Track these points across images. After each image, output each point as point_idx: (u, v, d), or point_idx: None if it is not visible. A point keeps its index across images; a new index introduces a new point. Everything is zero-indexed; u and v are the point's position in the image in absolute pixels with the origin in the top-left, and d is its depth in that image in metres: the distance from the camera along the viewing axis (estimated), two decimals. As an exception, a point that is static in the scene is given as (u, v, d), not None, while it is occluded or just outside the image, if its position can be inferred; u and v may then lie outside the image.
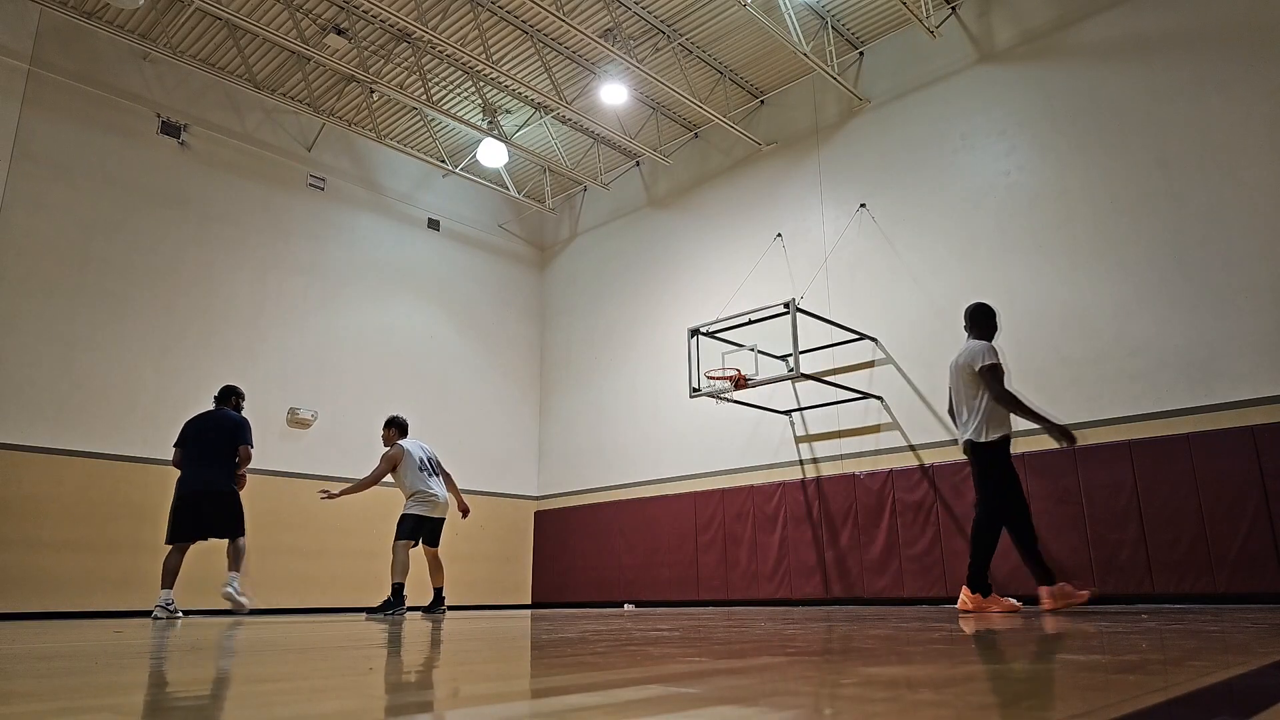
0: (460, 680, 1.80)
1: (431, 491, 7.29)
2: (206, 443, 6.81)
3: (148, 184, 9.76)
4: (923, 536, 8.45)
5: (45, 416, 8.58)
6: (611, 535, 11.48)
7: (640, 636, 3.15)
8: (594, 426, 12.35)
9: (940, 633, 3.08)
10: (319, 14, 9.65)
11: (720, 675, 1.68)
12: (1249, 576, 6.53)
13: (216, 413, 7.02)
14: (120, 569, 8.70)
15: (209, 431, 6.86)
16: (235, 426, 6.94)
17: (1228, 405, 6.95)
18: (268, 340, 10.42)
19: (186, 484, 6.71)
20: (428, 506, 7.25)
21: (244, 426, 6.99)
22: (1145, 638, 2.68)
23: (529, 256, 13.89)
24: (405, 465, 7.32)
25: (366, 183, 11.94)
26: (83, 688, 1.63)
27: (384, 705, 1.35)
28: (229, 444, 6.86)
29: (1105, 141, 8.09)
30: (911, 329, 9.12)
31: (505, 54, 10.32)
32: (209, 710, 1.31)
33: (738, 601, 9.90)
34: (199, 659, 2.40)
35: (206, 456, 6.76)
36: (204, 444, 6.81)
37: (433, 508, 7.28)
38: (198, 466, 6.73)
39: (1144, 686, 1.41)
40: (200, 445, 6.80)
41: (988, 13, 9.22)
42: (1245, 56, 7.39)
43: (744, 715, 1.13)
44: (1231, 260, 7.19)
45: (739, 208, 11.17)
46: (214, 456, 6.78)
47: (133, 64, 9.91)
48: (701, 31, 10.05)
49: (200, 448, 6.79)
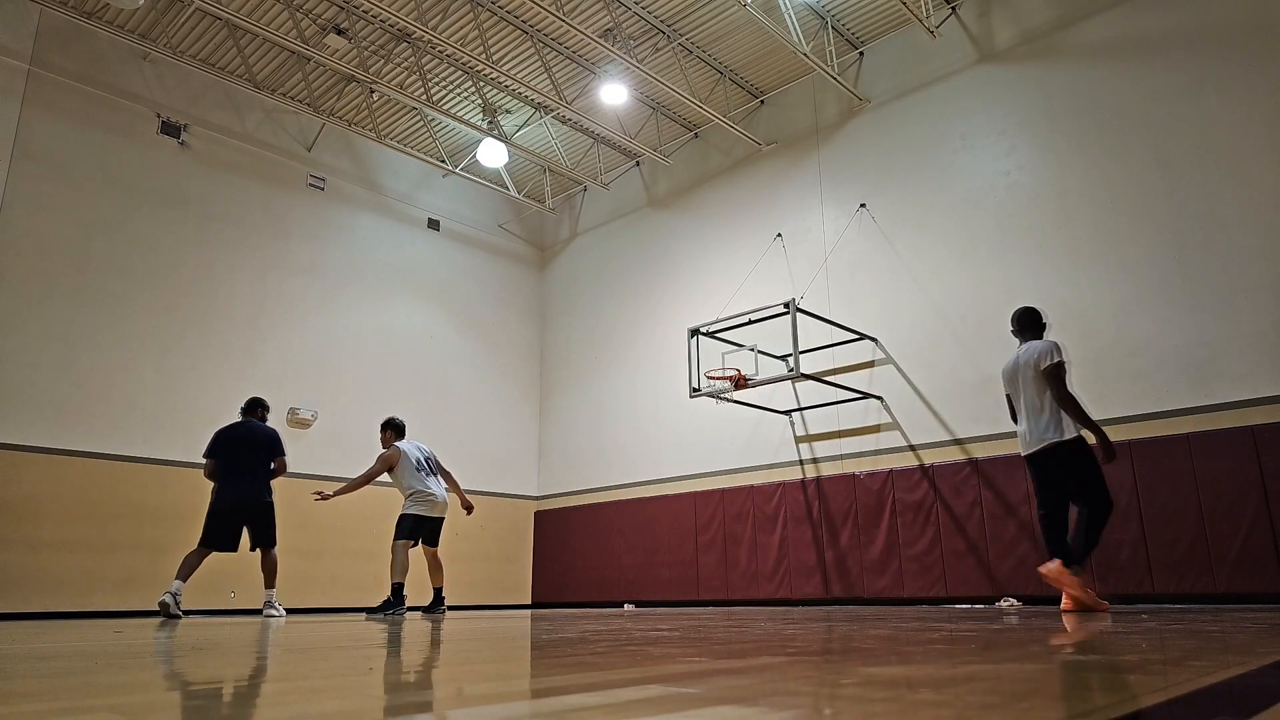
0: (460, 680, 1.80)
1: (429, 491, 7.28)
2: (242, 455, 6.96)
3: (148, 184, 9.76)
4: (923, 536, 8.46)
5: (45, 416, 8.58)
6: (611, 535, 11.48)
7: (640, 636, 3.15)
8: (594, 426, 12.35)
9: (940, 633, 3.08)
10: (319, 14, 9.65)
11: (720, 675, 1.68)
12: (1249, 576, 6.53)
13: (246, 424, 7.14)
14: (120, 569, 8.70)
15: (242, 443, 7.00)
16: (269, 440, 7.11)
17: (1228, 405, 6.95)
18: (268, 340, 10.42)
19: (225, 497, 6.85)
20: (426, 506, 7.25)
21: (277, 439, 7.16)
22: (1145, 638, 2.68)
23: (529, 256, 13.89)
24: (402, 466, 7.31)
25: (366, 183, 11.95)
26: (83, 688, 1.63)
27: (384, 705, 1.35)
28: (265, 456, 7.03)
29: (1105, 141, 8.09)
30: (911, 329, 9.12)
31: (505, 54, 10.32)
32: (209, 710, 1.31)
33: (738, 601, 9.90)
34: (199, 659, 2.40)
35: (244, 469, 6.92)
36: (239, 457, 6.95)
37: (431, 507, 7.27)
38: (236, 479, 6.88)
39: (1144, 686, 1.41)
40: (236, 458, 6.94)
41: (988, 13, 9.22)
42: (1245, 56, 7.39)
43: (744, 715, 1.13)
44: (1231, 260, 7.19)
45: (739, 208, 11.17)
46: (251, 468, 6.94)
47: (133, 64, 9.91)
48: (701, 31, 10.05)
49: (236, 460, 6.93)
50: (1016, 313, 5.71)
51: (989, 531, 8.04)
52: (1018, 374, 5.40)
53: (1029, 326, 5.57)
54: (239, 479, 6.86)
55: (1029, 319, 5.58)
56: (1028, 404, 5.31)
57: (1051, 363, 5.19)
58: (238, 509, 6.83)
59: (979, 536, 8.10)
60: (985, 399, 8.44)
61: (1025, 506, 7.85)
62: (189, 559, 6.66)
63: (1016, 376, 5.42)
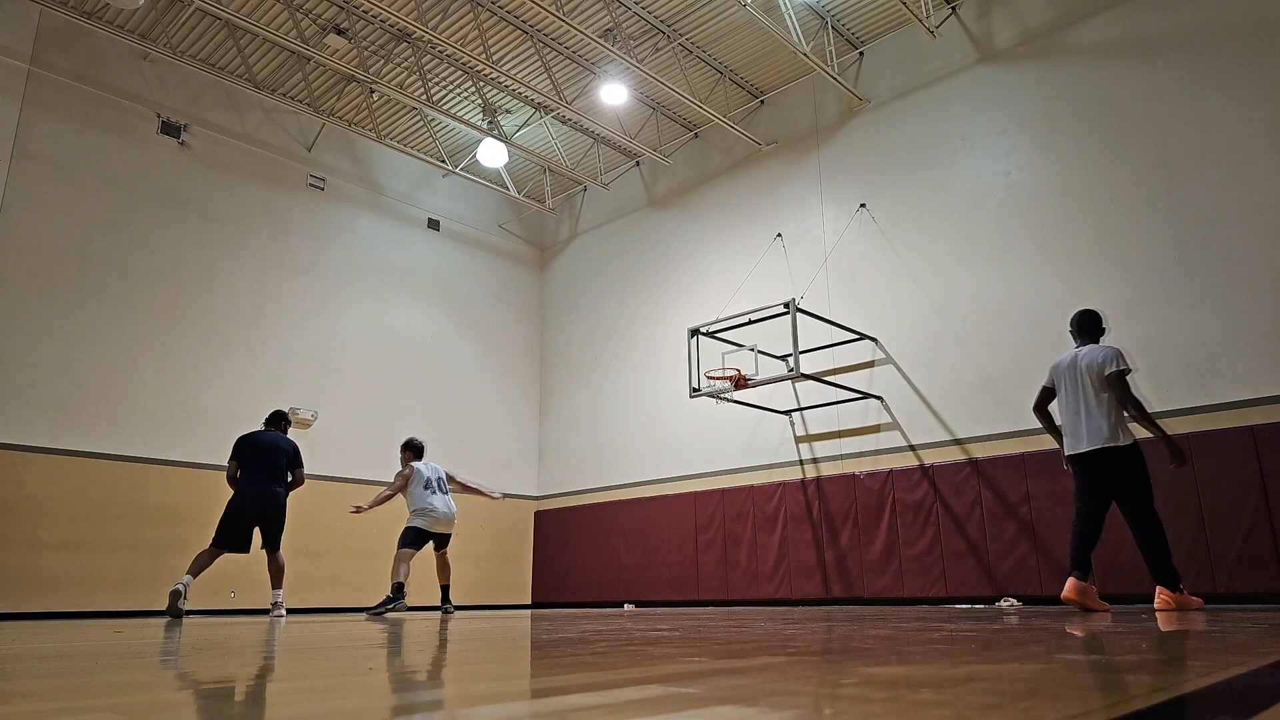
0: (460, 680, 1.80)
1: (432, 508, 7.77)
2: (264, 460, 7.31)
3: (148, 184, 9.76)
4: (923, 536, 8.46)
5: (45, 416, 8.58)
6: (611, 535, 11.48)
7: (640, 636, 3.15)
8: (594, 426, 12.35)
9: (940, 633, 3.08)
10: (319, 14, 9.65)
11: (720, 675, 1.68)
12: (1249, 576, 6.53)
13: (269, 434, 7.46)
14: (120, 569, 8.70)
15: (265, 450, 7.33)
16: (291, 451, 7.47)
17: (1228, 405, 6.96)
18: (268, 340, 10.42)
19: (244, 495, 7.14)
20: (428, 521, 7.75)
21: (298, 453, 7.54)
22: (1145, 638, 2.68)
23: (529, 256, 13.89)
24: (412, 483, 7.86)
25: (366, 183, 11.94)
26: (83, 688, 1.63)
27: (384, 705, 1.35)
28: (285, 465, 7.38)
29: (1105, 141, 8.09)
30: (911, 329, 9.12)
31: (505, 54, 10.32)
32: (209, 710, 1.31)
33: (738, 601, 9.90)
34: (200, 659, 2.40)
35: (266, 473, 7.26)
36: (262, 461, 7.29)
37: (433, 522, 7.76)
38: (257, 481, 7.20)
39: (1144, 686, 1.41)
40: (259, 462, 7.27)
41: (988, 13, 9.22)
42: (1245, 56, 7.39)
43: (744, 715, 1.13)
44: (1231, 260, 7.19)
45: (739, 208, 11.17)
46: (273, 472, 7.29)
47: (133, 64, 9.91)
48: (701, 31, 10.05)
49: (259, 464, 7.26)
50: (1077, 315, 5.71)
51: (989, 531, 8.04)
52: (1076, 373, 5.40)
53: (1089, 329, 5.58)
54: (260, 481, 7.19)
55: (1090, 321, 5.59)
56: (1082, 404, 5.30)
57: (1117, 369, 5.22)
58: (255, 508, 7.12)
59: (979, 536, 8.10)
60: (985, 399, 8.44)
61: (1025, 506, 7.86)
62: (200, 558, 6.90)
63: (1075, 375, 5.41)
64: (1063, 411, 5.49)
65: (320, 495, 10.25)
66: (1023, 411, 8.15)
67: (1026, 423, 8.13)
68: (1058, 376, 5.56)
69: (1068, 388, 5.47)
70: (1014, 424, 8.17)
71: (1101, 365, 5.27)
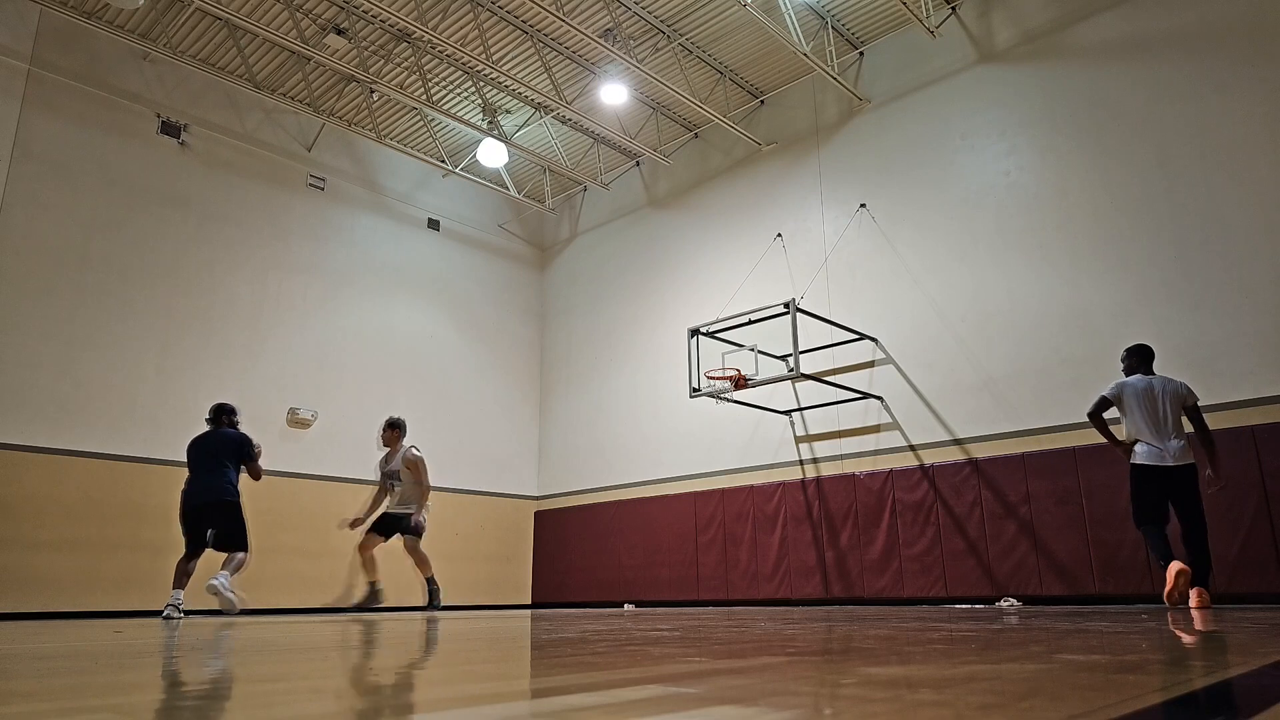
0: (460, 680, 1.80)
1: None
2: (203, 458, 6.85)
3: (148, 184, 9.76)
4: (923, 537, 8.46)
5: (45, 416, 8.58)
6: (611, 535, 11.48)
7: (640, 636, 3.15)
8: (594, 426, 12.35)
9: (940, 633, 3.08)
10: (319, 14, 9.65)
11: (720, 675, 1.68)
12: (1249, 576, 6.53)
13: (212, 431, 7.01)
14: (120, 569, 8.70)
15: (204, 448, 6.89)
16: (235, 442, 6.93)
17: (1228, 405, 6.95)
18: (268, 340, 10.42)
19: (188, 497, 6.77)
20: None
21: (245, 442, 6.99)
22: (1145, 638, 2.68)
23: (529, 256, 13.89)
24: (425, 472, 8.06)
25: (366, 183, 11.94)
26: (83, 688, 1.63)
27: (384, 705, 1.35)
28: (231, 458, 6.88)
29: (1105, 142, 8.09)
30: (911, 329, 9.12)
31: (505, 54, 10.32)
32: (209, 710, 1.31)
33: (738, 601, 9.90)
34: (199, 659, 2.40)
35: (205, 467, 6.81)
36: (200, 460, 6.85)
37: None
38: (196, 477, 6.81)
39: (1144, 686, 1.41)
40: (197, 461, 6.85)
41: (988, 13, 9.22)
42: (1245, 56, 7.39)
43: (744, 715, 1.13)
44: (1231, 260, 7.19)
45: (739, 208, 11.17)
46: (211, 466, 6.80)
47: (133, 64, 9.91)
48: (701, 31, 10.05)
49: (198, 463, 6.85)
50: (1138, 347, 6.26)
51: (989, 531, 8.04)
52: (1154, 396, 5.98)
53: (1149, 359, 6.18)
54: (198, 477, 6.78)
55: (1150, 354, 6.21)
56: (1166, 425, 5.91)
57: (1197, 400, 5.96)
58: (195, 506, 6.72)
59: (979, 536, 8.10)
60: (985, 399, 8.44)
61: (1025, 507, 7.86)
62: (178, 566, 6.69)
63: (1154, 398, 5.97)
64: (1139, 428, 5.97)
65: (320, 495, 10.26)
66: (1022, 411, 8.16)
67: (1026, 423, 8.14)
68: (1129, 395, 6.05)
69: (1145, 408, 5.99)
70: (1014, 424, 8.18)
71: (1185, 396, 5.95)
